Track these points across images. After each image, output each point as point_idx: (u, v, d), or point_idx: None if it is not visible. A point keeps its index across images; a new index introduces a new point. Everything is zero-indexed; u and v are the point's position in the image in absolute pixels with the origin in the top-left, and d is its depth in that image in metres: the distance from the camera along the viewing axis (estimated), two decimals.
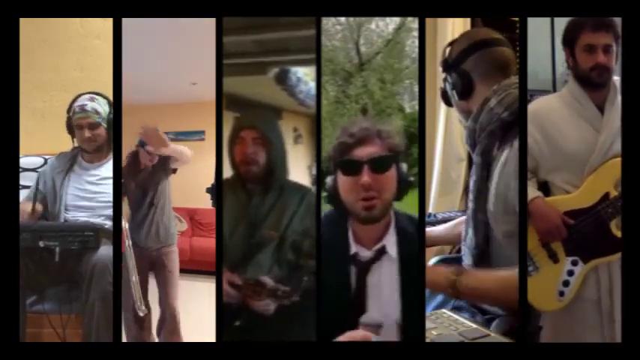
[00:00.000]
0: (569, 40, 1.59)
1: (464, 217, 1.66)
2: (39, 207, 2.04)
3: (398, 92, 1.77)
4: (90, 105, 2.07)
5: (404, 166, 1.35)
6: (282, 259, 1.40)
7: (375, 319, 1.24)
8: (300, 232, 1.41)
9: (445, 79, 1.60)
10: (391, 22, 1.75)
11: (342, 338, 1.17)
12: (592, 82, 1.56)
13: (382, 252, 1.34)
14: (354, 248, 1.35)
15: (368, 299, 1.32)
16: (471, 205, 1.53)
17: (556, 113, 1.60)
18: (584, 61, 1.56)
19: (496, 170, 1.46)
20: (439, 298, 1.60)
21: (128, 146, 2.05)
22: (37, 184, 2.14)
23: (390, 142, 1.34)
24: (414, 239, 1.37)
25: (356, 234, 1.36)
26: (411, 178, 1.37)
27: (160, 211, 2.20)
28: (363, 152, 1.31)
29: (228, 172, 1.45)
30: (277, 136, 1.45)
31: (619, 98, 1.57)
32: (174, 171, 2.27)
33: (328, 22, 1.77)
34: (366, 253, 1.35)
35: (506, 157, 1.44)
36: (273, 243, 1.41)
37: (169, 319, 2.20)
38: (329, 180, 1.37)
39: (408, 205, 1.46)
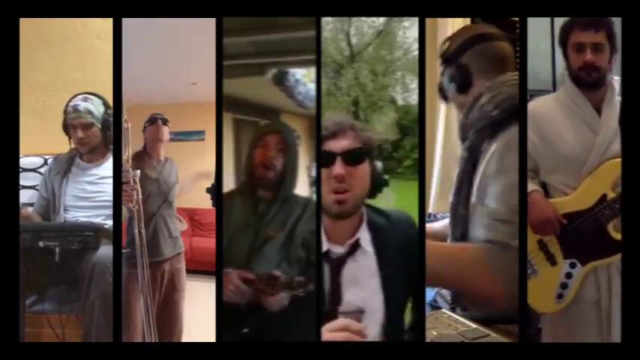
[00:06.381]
0: (563, 40, 1.59)
1: None
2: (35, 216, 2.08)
3: (390, 84, 1.75)
4: (83, 105, 2.05)
5: (379, 164, 1.36)
6: (292, 258, 1.39)
7: (355, 305, 1.23)
8: (310, 230, 1.40)
9: (442, 73, 1.61)
10: None
11: (324, 330, 1.14)
12: (582, 81, 1.55)
13: (356, 246, 1.35)
14: (326, 245, 1.35)
15: (344, 294, 1.32)
16: (452, 198, 1.53)
17: (552, 114, 1.59)
18: (574, 60, 1.56)
19: (481, 166, 1.45)
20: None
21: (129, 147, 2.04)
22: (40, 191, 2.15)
23: (363, 136, 1.35)
24: (387, 233, 1.37)
25: (328, 231, 1.36)
26: (385, 177, 1.37)
27: (170, 210, 2.17)
28: (337, 145, 1.33)
29: (240, 178, 1.45)
30: (295, 144, 1.46)
31: (616, 99, 1.56)
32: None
33: None
34: (339, 250, 1.35)
35: (491, 154, 1.43)
36: (278, 241, 1.40)
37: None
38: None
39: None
